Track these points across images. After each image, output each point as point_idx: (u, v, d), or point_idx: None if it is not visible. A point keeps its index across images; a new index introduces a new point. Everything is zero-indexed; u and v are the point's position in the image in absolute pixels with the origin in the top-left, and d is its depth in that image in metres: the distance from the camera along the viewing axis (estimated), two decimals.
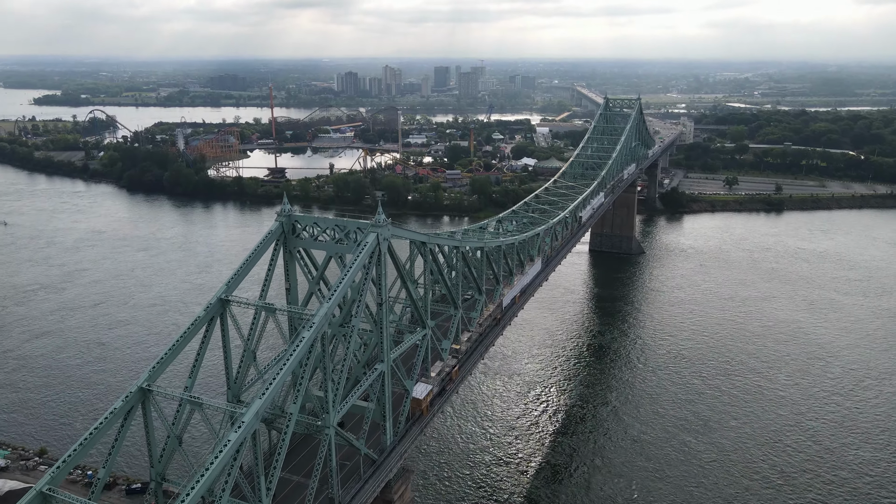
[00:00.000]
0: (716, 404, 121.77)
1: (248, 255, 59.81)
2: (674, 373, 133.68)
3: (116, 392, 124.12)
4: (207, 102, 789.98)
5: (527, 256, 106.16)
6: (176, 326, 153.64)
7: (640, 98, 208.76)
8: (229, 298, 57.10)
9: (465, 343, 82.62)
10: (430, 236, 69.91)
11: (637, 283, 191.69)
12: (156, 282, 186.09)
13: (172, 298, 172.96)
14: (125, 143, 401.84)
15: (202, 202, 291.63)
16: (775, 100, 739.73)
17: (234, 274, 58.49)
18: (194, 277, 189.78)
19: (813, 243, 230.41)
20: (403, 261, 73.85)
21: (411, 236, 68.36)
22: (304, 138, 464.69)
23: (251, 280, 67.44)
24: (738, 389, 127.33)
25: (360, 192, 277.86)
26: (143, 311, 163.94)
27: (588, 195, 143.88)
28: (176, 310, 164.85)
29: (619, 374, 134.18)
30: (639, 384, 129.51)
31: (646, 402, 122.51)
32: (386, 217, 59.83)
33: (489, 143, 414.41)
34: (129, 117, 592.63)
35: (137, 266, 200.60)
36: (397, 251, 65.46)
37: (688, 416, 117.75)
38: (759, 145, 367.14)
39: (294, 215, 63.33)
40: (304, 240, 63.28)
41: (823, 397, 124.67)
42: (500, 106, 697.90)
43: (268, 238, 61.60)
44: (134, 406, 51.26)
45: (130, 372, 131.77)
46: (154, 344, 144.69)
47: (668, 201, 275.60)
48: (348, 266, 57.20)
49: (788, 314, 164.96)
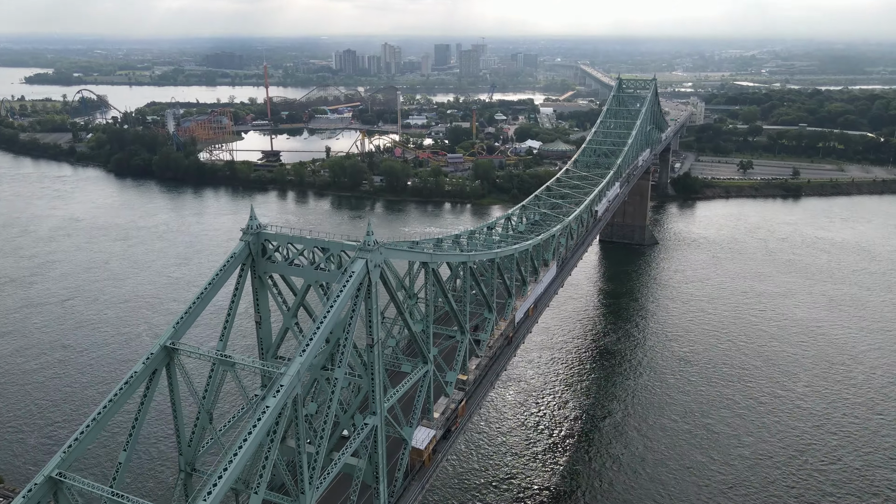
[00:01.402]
0: (728, 416, 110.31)
1: (206, 285, 47.57)
2: (682, 379, 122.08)
3: (74, 401, 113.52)
4: (203, 81, 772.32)
5: (541, 261, 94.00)
6: (148, 325, 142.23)
7: (655, 79, 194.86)
8: (176, 346, 44.90)
9: (473, 371, 70.85)
10: (432, 254, 57.60)
11: (646, 277, 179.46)
12: (130, 275, 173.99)
13: (146, 294, 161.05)
14: (115, 124, 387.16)
15: (193, 187, 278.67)
16: (784, 78, 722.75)
17: (184, 312, 46.35)
18: (172, 270, 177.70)
19: (832, 232, 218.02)
20: (402, 275, 61.93)
21: (410, 256, 56.19)
22: (300, 119, 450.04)
23: (216, 308, 55.47)
24: (752, 399, 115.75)
25: (357, 177, 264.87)
26: (113, 309, 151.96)
27: (604, 187, 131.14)
28: (148, 307, 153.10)
29: (622, 382, 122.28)
30: (643, 393, 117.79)
31: (651, 414, 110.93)
32: (375, 241, 47.34)
33: (492, 125, 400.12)
34: (122, 97, 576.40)
35: (113, 257, 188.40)
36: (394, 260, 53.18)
37: (697, 429, 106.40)
38: (772, 126, 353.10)
39: (264, 233, 51.00)
40: (277, 263, 51.04)
41: (846, 409, 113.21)
42: (501, 85, 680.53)
43: (231, 262, 49.38)
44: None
45: (92, 378, 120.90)
46: (120, 346, 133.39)
47: (680, 187, 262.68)
48: (332, 299, 45.12)
49: (806, 312, 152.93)
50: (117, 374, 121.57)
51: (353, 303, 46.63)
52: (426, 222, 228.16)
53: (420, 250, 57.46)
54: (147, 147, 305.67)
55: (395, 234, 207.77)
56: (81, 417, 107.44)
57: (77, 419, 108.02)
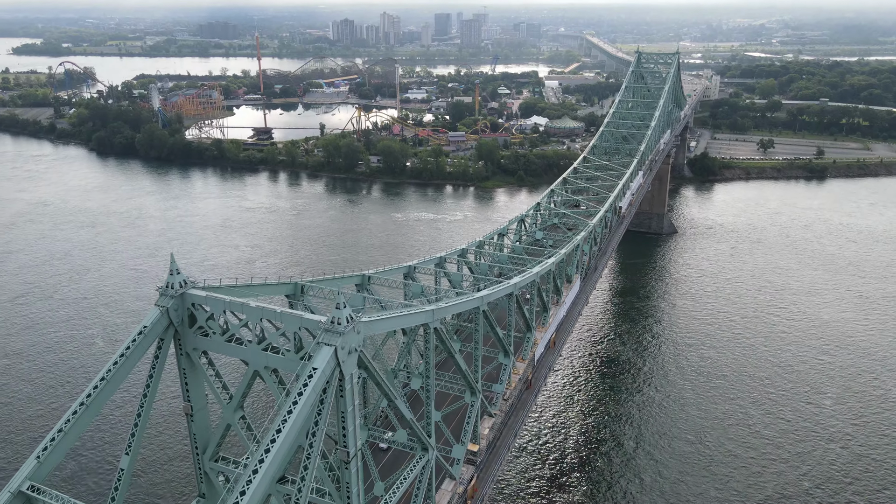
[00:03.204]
0: (748, 438, 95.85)
1: (96, 381, 32.11)
2: (698, 393, 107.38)
3: (9, 423, 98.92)
4: (196, 52, 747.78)
5: (563, 279, 78.43)
6: (103, 328, 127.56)
7: (678, 53, 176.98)
8: (37, 493, 29.45)
9: (486, 434, 55.81)
10: (435, 310, 41.85)
11: (660, 271, 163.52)
12: (93, 268, 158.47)
13: (107, 290, 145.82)
14: (99, 99, 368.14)
15: (179, 168, 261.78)
16: (796, 48, 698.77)
17: (54, 434, 30.72)
18: (138, 262, 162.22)
19: (860, 218, 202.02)
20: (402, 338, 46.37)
21: (402, 323, 40.40)
22: (294, 93, 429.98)
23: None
24: (775, 416, 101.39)
25: (352, 157, 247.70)
26: (69, 308, 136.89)
27: (628, 179, 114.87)
28: (107, 305, 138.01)
29: (632, 398, 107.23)
30: (656, 411, 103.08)
31: (664, 437, 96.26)
32: (350, 316, 31.76)
33: (495, 99, 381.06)
34: (112, 69, 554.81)
35: (77, 247, 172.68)
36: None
37: (714, 453, 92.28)
38: (792, 101, 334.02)
39: (192, 294, 35.46)
40: (211, 338, 35.52)
41: (883, 430, 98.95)
42: (504, 56, 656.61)
43: (140, 341, 33.89)
44: None
45: (35, 395, 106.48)
46: (72, 354, 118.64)
47: (697, 168, 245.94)
48: (287, 404, 29.92)
49: (833, 313, 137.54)
50: (67, 387, 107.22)
51: (320, 404, 31.36)
52: (425, 207, 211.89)
53: (418, 308, 41.92)
54: (130, 124, 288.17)
55: (391, 232, 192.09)
56: (24, 437, 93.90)
57: (21, 439, 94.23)
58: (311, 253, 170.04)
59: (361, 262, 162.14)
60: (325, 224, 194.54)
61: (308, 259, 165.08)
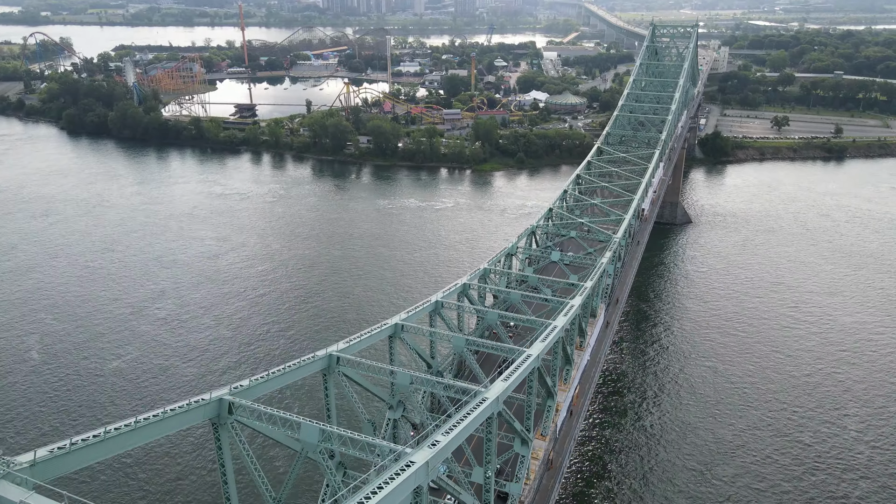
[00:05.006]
0: (765, 476, 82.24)
1: None
2: (701, 418, 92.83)
3: None
4: (180, 21, 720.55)
5: (588, 316, 63.69)
6: (41, 338, 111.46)
7: (697, 25, 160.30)
8: None
9: None
10: (426, 468, 26.94)
11: (669, 267, 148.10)
12: (39, 264, 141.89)
13: (52, 291, 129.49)
14: (72, 72, 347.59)
15: (155, 149, 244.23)
16: (801, 16, 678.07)
17: None
18: (92, 258, 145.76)
19: (881, 205, 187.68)
20: None
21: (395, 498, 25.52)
22: (280, 66, 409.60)
23: None
24: (794, 442, 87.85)
25: (340, 138, 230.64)
26: (4, 313, 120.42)
27: (650, 176, 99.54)
28: (50, 309, 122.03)
29: (624, 425, 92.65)
30: (650, 441, 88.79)
31: (659, 477, 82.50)
32: None
33: (491, 72, 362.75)
34: (91, 39, 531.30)
35: (25, 240, 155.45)
36: None
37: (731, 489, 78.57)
38: (804, 75, 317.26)
39: None
40: None
41: None
42: (500, 26, 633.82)
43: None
44: None
45: None
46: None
47: (709, 148, 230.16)
48: None
49: (855, 316, 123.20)
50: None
51: None
52: (415, 193, 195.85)
53: (405, 469, 27.07)
54: (104, 101, 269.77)
55: (373, 222, 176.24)
56: None
57: None
58: (284, 246, 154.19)
59: (335, 257, 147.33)
60: (302, 213, 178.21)
61: (280, 254, 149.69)
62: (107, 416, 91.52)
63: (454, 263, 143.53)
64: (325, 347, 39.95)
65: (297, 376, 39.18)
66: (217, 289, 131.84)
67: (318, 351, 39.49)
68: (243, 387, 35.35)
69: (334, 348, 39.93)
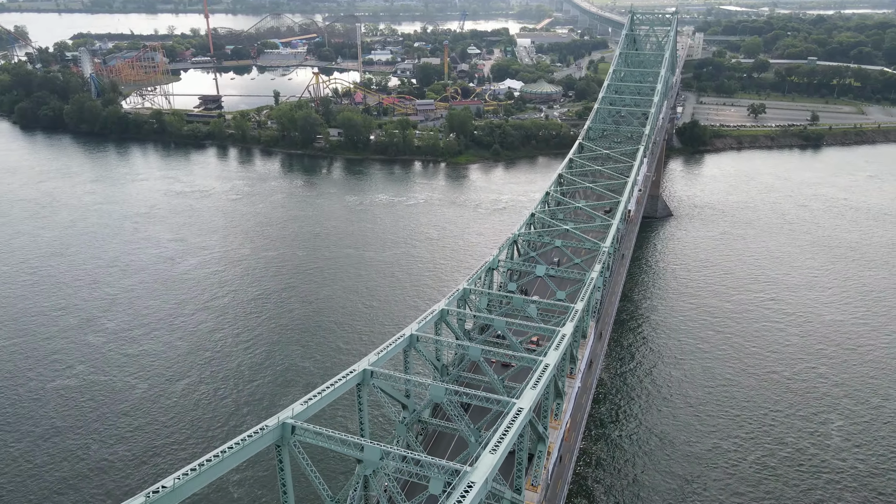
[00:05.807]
0: (743, 492, 78.13)
1: None
2: (678, 426, 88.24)
3: None
4: (142, 8, 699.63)
5: (579, 340, 57.93)
6: None
7: (676, 13, 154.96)
8: None
9: None
10: None
11: (649, 263, 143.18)
12: None
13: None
14: (26, 63, 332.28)
15: (115, 144, 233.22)
16: (771, 1, 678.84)
17: None
18: (39, 263, 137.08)
19: (859, 194, 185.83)
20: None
21: None
22: (248, 55, 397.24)
23: None
24: (776, 457, 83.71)
25: (310, 131, 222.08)
26: None
27: (636, 173, 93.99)
28: None
29: (599, 432, 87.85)
30: (623, 455, 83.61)
31: (633, 496, 77.68)
32: None
33: (465, 60, 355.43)
34: (48, 27, 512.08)
35: None
36: None
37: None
38: (779, 61, 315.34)
39: None
40: None
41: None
42: (472, 12, 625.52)
43: None
44: None
45: None
46: None
47: (686, 138, 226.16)
48: None
49: (836, 312, 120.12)
50: None
51: None
52: (386, 189, 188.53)
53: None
54: (59, 93, 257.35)
55: (340, 219, 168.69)
56: None
57: None
58: (245, 248, 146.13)
59: (300, 259, 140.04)
60: (267, 211, 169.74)
61: (241, 256, 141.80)
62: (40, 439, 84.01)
63: (425, 262, 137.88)
64: (277, 414, 33.39)
65: (243, 457, 33.46)
66: (173, 296, 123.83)
67: (268, 420, 32.84)
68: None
69: (289, 413, 33.29)
